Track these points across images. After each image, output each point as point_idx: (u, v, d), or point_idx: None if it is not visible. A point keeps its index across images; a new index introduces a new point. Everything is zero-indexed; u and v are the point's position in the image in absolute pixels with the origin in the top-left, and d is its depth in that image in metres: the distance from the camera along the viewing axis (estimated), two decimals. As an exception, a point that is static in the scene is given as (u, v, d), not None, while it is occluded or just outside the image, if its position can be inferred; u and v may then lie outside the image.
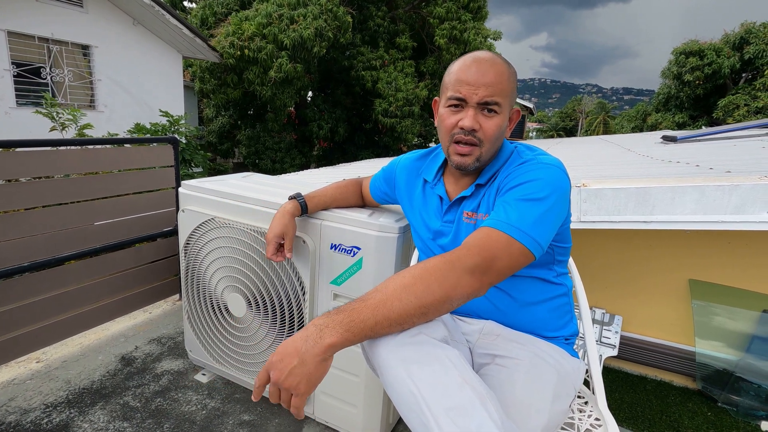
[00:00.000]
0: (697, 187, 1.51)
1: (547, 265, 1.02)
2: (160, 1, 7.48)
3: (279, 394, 0.73)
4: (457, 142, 0.95)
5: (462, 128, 0.93)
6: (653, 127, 17.47)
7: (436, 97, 1.06)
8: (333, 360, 0.73)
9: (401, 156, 1.26)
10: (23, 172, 1.75)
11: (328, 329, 0.71)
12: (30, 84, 6.77)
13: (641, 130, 18.69)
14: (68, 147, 1.93)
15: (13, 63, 6.53)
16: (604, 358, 2.20)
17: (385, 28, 10.70)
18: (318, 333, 0.71)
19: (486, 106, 0.92)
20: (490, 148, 0.96)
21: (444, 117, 0.97)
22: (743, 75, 16.54)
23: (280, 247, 1.26)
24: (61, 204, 1.85)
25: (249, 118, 11.13)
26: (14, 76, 6.58)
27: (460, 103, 0.94)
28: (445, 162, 1.10)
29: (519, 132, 25.41)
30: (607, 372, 2.34)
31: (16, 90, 6.63)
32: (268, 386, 0.74)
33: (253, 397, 0.75)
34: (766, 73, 15.05)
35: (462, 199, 1.03)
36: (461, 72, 0.93)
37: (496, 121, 0.93)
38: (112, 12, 7.57)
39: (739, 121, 13.85)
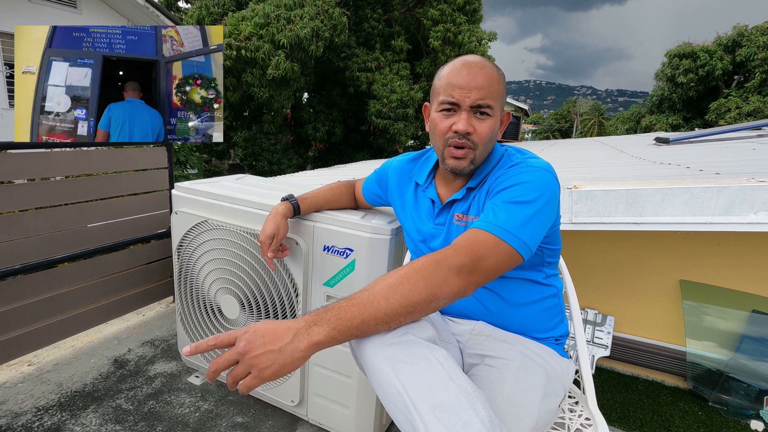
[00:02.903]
0: (686, 188, 1.53)
1: (537, 267, 1.03)
2: (154, 2, 7.47)
3: (231, 364, 0.68)
4: (451, 146, 0.96)
5: (456, 132, 0.94)
6: (647, 129, 17.61)
7: (426, 102, 1.07)
8: (327, 361, 0.74)
9: (393, 158, 1.27)
10: (16, 174, 1.74)
11: (316, 326, 0.71)
12: (23, 85, 6.73)
13: (635, 132, 18.84)
14: (62, 149, 1.92)
15: (6, 64, 6.49)
16: (596, 358, 2.22)
17: (380, 30, 10.73)
18: (306, 329, 0.71)
19: (479, 109, 0.93)
20: (484, 151, 0.97)
21: (437, 121, 0.97)
22: (735, 78, 16.72)
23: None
24: (54, 206, 1.85)
25: (245, 119, 11.11)
26: (7, 78, 6.53)
27: (452, 107, 0.94)
28: (437, 165, 1.11)
29: (514, 133, 25.52)
30: (600, 372, 2.36)
31: (9, 91, 6.59)
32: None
33: (193, 349, 0.67)
34: (757, 75, 15.22)
35: (453, 201, 1.04)
36: (452, 76, 0.94)
37: (489, 124, 0.94)
38: (105, 13, 7.55)
39: (731, 123, 13.99)
